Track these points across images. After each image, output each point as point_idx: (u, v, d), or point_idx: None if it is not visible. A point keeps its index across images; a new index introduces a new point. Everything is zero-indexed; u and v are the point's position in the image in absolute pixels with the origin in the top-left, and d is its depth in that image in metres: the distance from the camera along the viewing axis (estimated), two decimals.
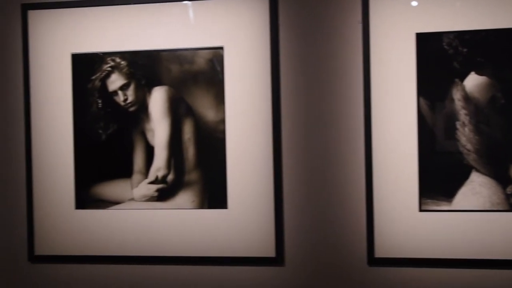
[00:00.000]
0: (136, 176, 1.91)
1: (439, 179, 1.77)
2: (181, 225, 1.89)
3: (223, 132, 1.87)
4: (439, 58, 1.76)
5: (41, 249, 1.96)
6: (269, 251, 1.85)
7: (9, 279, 1.99)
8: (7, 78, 1.98)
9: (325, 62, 1.83)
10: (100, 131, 1.93)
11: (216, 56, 1.87)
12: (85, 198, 1.94)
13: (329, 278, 1.84)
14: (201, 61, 1.87)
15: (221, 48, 1.87)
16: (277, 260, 1.85)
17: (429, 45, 1.77)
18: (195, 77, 1.88)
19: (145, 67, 1.90)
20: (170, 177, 1.90)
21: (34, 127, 1.96)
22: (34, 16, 1.95)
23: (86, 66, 1.93)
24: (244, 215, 1.86)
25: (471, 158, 1.74)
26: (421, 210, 1.78)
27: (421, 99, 1.77)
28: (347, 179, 1.82)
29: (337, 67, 1.83)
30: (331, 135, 1.83)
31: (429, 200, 1.77)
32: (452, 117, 1.75)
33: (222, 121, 1.87)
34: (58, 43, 1.95)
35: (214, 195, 1.88)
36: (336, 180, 1.83)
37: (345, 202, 1.83)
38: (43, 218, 1.95)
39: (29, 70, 1.95)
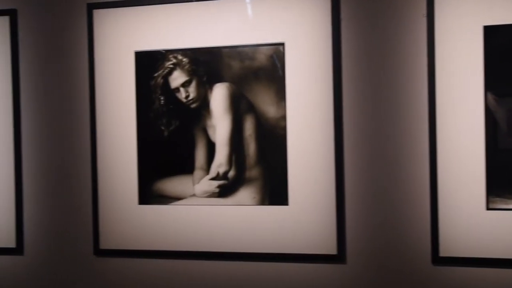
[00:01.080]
0: (197, 172, 1.95)
1: (508, 177, 1.73)
2: (242, 221, 1.92)
3: (284, 128, 1.88)
4: (508, 51, 1.73)
5: (105, 243, 2.03)
6: (331, 248, 1.86)
7: (75, 271, 2.07)
8: (73, 76, 2.05)
9: (388, 57, 1.82)
10: (163, 128, 1.97)
11: (277, 52, 1.89)
12: (148, 194, 1.99)
13: (392, 276, 1.84)
14: (262, 58, 1.90)
15: (282, 44, 1.88)
16: (339, 257, 1.86)
17: (497, 38, 1.73)
18: (256, 73, 1.90)
19: (206, 64, 1.93)
20: (231, 173, 1.93)
21: (99, 124, 2.02)
22: (99, 15, 2.02)
23: (148, 64, 1.98)
24: (305, 211, 1.87)
25: None
26: (488, 209, 1.75)
27: (489, 94, 1.74)
28: (411, 176, 1.81)
29: (401, 63, 1.81)
30: (395, 131, 1.82)
31: (497, 199, 1.74)
32: None
33: (283, 117, 1.88)
34: (122, 41, 2.00)
35: (275, 191, 1.90)
36: (399, 177, 1.82)
37: (409, 199, 1.81)
38: (107, 213, 2.02)
39: (94, 68, 2.02)
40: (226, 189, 1.93)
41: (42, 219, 2.08)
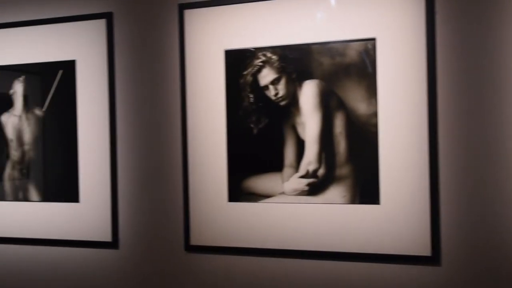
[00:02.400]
0: (287, 170, 1.96)
1: None
2: (331, 220, 1.92)
3: (375, 125, 1.87)
4: None
5: (196, 240, 2.08)
6: (424, 249, 1.82)
7: (167, 266, 2.13)
8: (165, 76, 2.12)
9: (485, 52, 1.76)
10: (252, 125, 2.00)
11: (368, 47, 1.87)
12: (237, 191, 2.02)
13: (491, 280, 1.78)
14: (352, 53, 1.89)
15: (373, 39, 1.87)
16: (433, 259, 1.81)
17: None
18: (346, 69, 1.89)
19: (296, 61, 1.94)
20: (321, 171, 1.93)
21: (190, 123, 2.07)
22: (190, 15, 2.07)
23: (238, 62, 2.01)
24: (398, 211, 1.84)
25: None
26: None
27: None
28: (509, 175, 1.75)
29: (500, 58, 1.75)
30: (492, 129, 1.76)
31: None
32: None
33: (375, 114, 1.87)
34: (212, 40, 2.04)
35: (366, 190, 1.88)
36: (497, 176, 1.75)
37: (508, 199, 1.75)
38: (198, 210, 2.07)
39: (185, 67, 2.07)
40: (316, 187, 1.93)
41: (136, 215, 2.16)
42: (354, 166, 1.89)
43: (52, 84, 2.24)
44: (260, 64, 1.99)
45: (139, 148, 2.16)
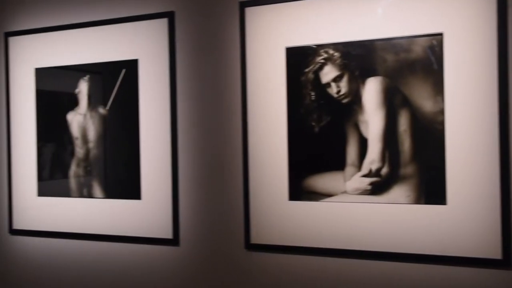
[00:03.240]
0: (349, 169, 1.95)
1: None
2: (395, 220, 1.88)
3: (441, 123, 1.83)
4: None
5: (256, 238, 2.09)
6: (494, 252, 1.77)
7: (227, 264, 2.15)
8: (226, 74, 2.13)
9: None
10: (313, 123, 1.99)
11: (434, 43, 1.84)
12: (298, 190, 2.01)
13: None
14: (418, 49, 1.85)
15: (440, 34, 1.83)
16: (503, 262, 1.75)
17: None
18: (411, 66, 1.85)
19: (358, 57, 1.92)
20: (384, 170, 1.90)
21: (250, 120, 2.08)
22: (251, 13, 2.08)
23: (299, 59, 2.00)
24: (466, 212, 1.80)
25: None
26: None
27: None
28: None
29: None
30: None
31: None
32: None
33: (441, 112, 1.83)
34: (273, 38, 2.04)
35: (431, 190, 1.84)
36: None
37: None
38: (258, 208, 2.07)
39: (246, 65, 2.08)
40: (379, 186, 1.91)
41: (196, 214, 2.18)
42: (419, 165, 1.86)
43: (116, 83, 2.29)
44: (322, 61, 1.98)
45: (199, 146, 2.18)
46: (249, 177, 2.09)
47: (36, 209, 2.48)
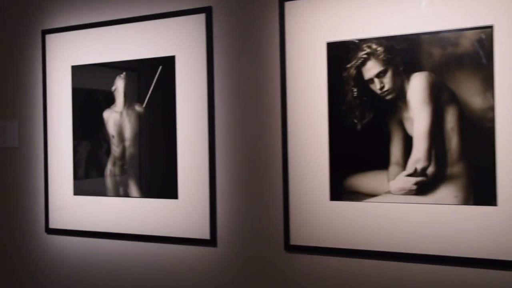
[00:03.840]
0: (393, 168, 1.90)
1: None
2: (442, 221, 1.83)
3: (491, 120, 1.76)
4: None
5: (296, 239, 2.05)
6: None
7: (265, 266, 2.11)
8: (264, 70, 2.10)
9: None
10: (356, 121, 1.95)
11: (483, 36, 1.78)
12: (340, 190, 1.97)
13: None
14: (466, 43, 1.80)
15: (490, 27, 1.77)
16: None
17: None
18: (459, 60, 1.80)
19: (403, 52, 1.87)
20: (430, 170, 1.85)
21: (290, 118, 2.04)
22: (291, 7, 2.04)
23: (341, 54, 1.96)
24: None
25: None
26: None
27: None
28: None
29: None
30: None
31: None
32: None
33: (491, 108, 1.76)
34: (314, 33, 2.01)
35: (481, 190, 1.78)
36: None
37: None
38: (298, 208, 2.04)
39: (285, 60, 2.05)
40: (425, 186, 1.85)
41: (234, 214, 2.16)
42: (467, 163, 1.80)
43: (152, 80, 2.28)
44: (365, 56, 1.93)
45: (238, 144, 2.16)
46: (289, 176, 2.05)
47: (72, 208, 2.48)
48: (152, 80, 2.28)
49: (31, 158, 2.61)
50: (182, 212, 2.24)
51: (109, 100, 2.38)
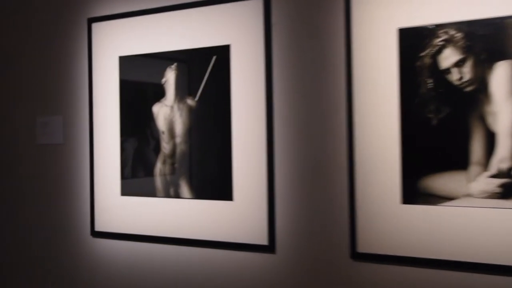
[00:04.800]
0: (473, 168, 1.76)
1: None
2: None
3: None
4: None
5: (364, 246, 1.94)
6: None
7: (329, 275, 2.01)
8: (327, 60, 2.00)
9: None
10: (430, 115, 1.82)
11: None
12: (413, 192, 1.85)
13: None
14: None
15: None
16: None
17: None
18: None
19: (485, 38, 1.73)
20: None
21: (356, 112, 1.94)
22: None
23: (414, 42, 1.84)
24: None
25: None
26: None
27: None
28: None
29: None
30: None
31: None
32: None
33: None
34: (383, 18, 1.89)
35: None
36: None
37: None
38: (365, 213, 1.93)
39: (351, 49, 1.94)
40: (511, 189, 1.72)
41: (294, 218, 2.07)
42: None
43: (205, 71, 2.20)
44: (441, 43, 1.81)
45: (298, 141, 2.06)
46: (355, 176, 1.95)
47: (119, 209, 2.42)
48: (205, 72, 2.20)
49: (76, 156, 2.57)
50: (237, 215, 2.16)
51: (159, 93, 2.31)
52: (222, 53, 2.18)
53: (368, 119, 1.94)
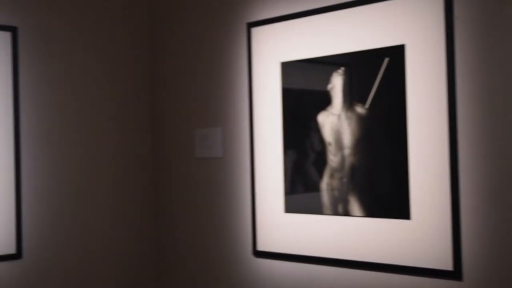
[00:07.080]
0: None
1: None
2: None
3: None
4: None
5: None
6: None
7: None
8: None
9: None
10: None
11: None
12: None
13: None
14: None
15: None
16: None
17: None
18: None
19: None
20: None
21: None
22: None
23: None
24: None
25: None
26: None
27: None
28: None
29: None
30: None
31: None
32: None
33: None
34: None
35: None
36: None
37: None
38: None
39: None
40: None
41: (484, 236, 1.92)
42: None
43: (376, 75, 2.10)
44: None
45: (486, 150, 1.90)
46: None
47: (283, 228, 2.35)
48: (376, 76, 2.09)
49: (236, 170, 2.54)
50: (415, 235, 2.01)
51: (324, 101, 2.25)
52: (396, 54, 2.06)
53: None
